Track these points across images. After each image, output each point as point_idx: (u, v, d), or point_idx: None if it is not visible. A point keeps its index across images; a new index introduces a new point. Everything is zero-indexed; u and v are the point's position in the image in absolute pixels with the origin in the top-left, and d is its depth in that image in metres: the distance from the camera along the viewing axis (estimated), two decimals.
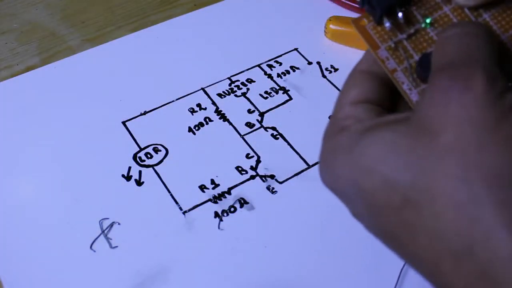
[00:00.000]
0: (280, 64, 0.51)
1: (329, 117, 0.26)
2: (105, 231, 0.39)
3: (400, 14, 0.24)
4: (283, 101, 0.48)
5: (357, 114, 0.24)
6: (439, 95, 0.20)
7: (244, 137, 0.45)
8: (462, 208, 0.19)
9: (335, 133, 0.24)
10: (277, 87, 0.48)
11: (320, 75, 0.50)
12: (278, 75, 0.50)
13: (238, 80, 0.49)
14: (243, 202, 0.41)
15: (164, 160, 0.43)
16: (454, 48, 0.22)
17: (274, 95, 0.48)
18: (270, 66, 0.51)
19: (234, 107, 0.47)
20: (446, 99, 0.20)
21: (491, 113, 0.19)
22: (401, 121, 0.22)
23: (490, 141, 0.19)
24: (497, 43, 0.23)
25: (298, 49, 0.52)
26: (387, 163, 0.21)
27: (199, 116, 0.46)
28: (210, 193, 0.41)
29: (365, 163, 0.21)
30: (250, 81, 0.49)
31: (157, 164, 0.43)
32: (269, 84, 0.49)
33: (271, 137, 0.45)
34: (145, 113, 0.47)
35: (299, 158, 0.44)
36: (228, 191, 0.41)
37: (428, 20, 0.25)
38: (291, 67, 0.50)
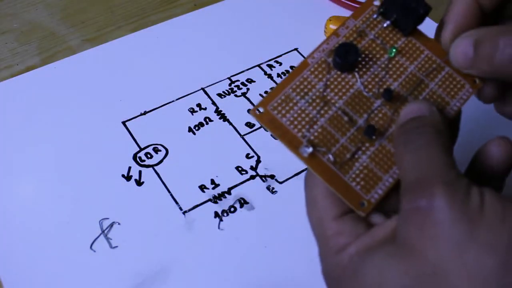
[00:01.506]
0: (280, 64, 0.51)
1: (315, 234, 0.26)
2: (105, 231, 0.39)
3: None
4: None
5: (347, 229, 0.25)
6: (412, 216, 0.22)
7: (244, 137, 0.45)
8: None
9: (333, 254, 0.25)
10: None
11: None
12: (278, 75, 0.50)
13: (238, 80, 0.49)
14: (243, 202, 0.41)
15: (164, 160, 0.43)
16: (410, 163, 0.23)
17: None
18: (270, 66, 0.51)
19: (234, 107, 0.47)
20: (419, 220, 0.21)
21: (462, 224, 0.21)
22: (389, 240, 0.23)
23: (470, 255, 0.20)
24: (446, 132, 0.24)
25: (298, 49, 0.52)
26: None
27: (199, 116, 0.46)
28: (210, 193, 0.41)
29: None
30: (250, 81, 0.49)
31: (157, 164, 0.43)
32: (269, 84, 0.49)
33: (271, 137, 0.45)
34: (145, 113, 0.47)
35: None
36: (228, 191, 0.41)
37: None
38: (291, 67, 0.50)
